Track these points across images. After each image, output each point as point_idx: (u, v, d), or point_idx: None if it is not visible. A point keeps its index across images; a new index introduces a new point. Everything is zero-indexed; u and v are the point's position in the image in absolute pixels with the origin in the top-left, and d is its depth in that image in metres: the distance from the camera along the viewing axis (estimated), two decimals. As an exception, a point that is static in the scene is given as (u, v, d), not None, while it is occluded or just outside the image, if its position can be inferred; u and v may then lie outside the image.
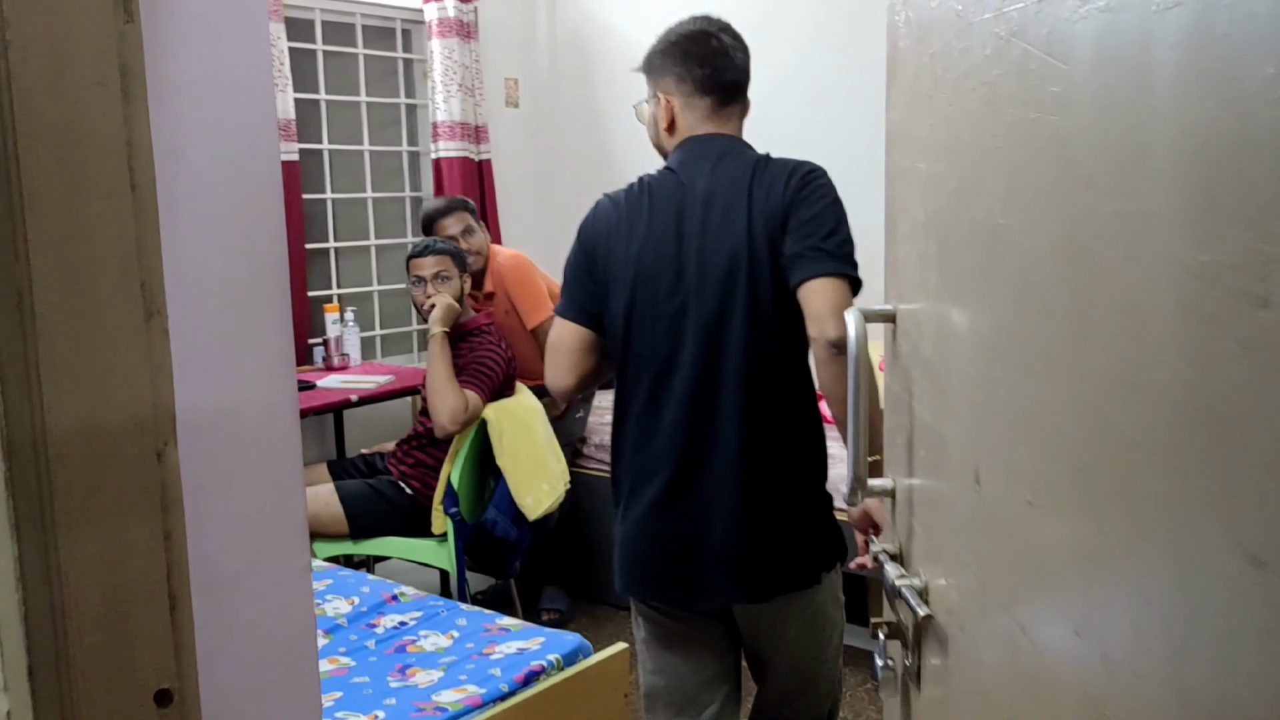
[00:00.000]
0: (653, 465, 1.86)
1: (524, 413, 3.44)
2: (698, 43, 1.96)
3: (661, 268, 1.85)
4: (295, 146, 4.25)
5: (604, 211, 1.97)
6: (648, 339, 1.86)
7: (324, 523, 3.38)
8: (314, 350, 4.43)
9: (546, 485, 3.45)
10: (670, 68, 1.98)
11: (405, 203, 5.02)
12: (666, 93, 1.98)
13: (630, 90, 5.08)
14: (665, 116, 1.98)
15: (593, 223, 1.97)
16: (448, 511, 3.32)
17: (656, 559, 1.89)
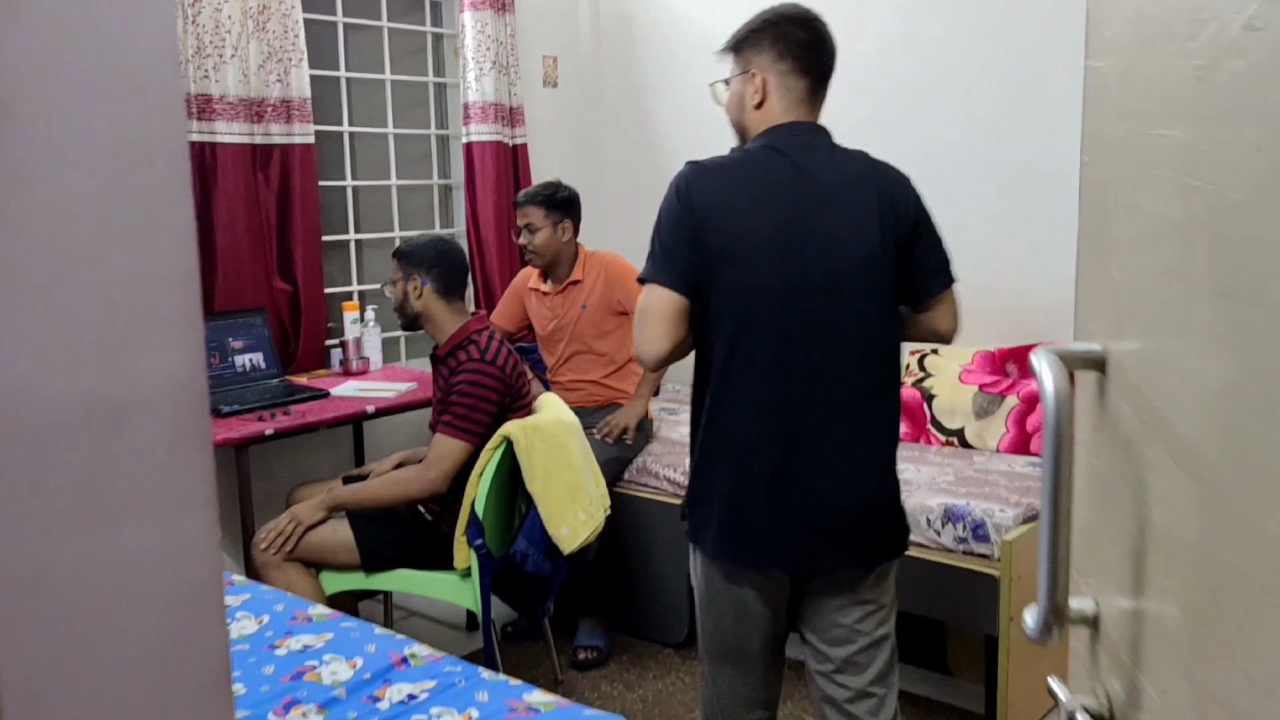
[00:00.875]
0: (771, 439, 1.93)
1: (557, 430, 3.02)
2: (800, 25, 2.00)
3: (789, 249, 1.90)
4: (311, 128, 3.86)
5: (713, 181, 1.96)
6: (769, 316, 1.91)
7: (331, 551, 2.99)
8: (331, 353, 4.04)
9: (583, 514, 3.03)
10: (769, 46, 2.00)
11: (433, 191, 4.61)
12: (762, 70, 2.01)
13: (681, 70, 4.72)
14: (758, 94, 2.00)
15: (702, 189, 1.94)
16: (472, 544, 2.91)
17: (780, 529, 1.95)
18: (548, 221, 3.64)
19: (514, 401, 3.00)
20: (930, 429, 3.75)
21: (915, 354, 3.95)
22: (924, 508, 3.08)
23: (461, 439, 2.91)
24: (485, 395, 2.91)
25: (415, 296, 3.04)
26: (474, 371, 2.92)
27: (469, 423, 2.91)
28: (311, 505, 3.01)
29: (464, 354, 2.96)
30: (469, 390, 2.91)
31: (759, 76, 2.00)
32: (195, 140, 3.57)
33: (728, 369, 1.95)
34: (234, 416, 3.26)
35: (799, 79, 2.00)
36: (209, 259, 3.65)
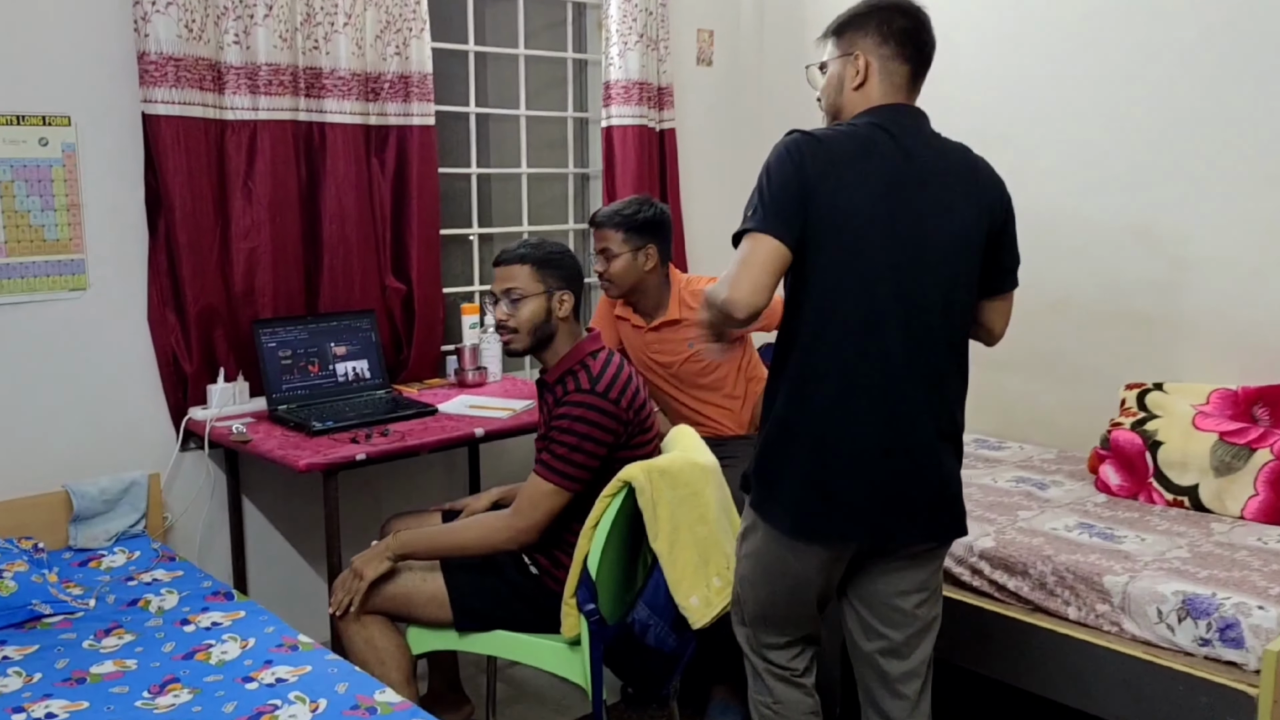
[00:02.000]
0: (862, 414, 1.97)
1: (689, 475, 2.47)
2: (905, 14, 2.04)
3: (889, 227, 1.94)
4: (432, 108, 3.42)
5: (824, 149, 1.95)
6: (865, 291, 1.94)
7: (419, 604, 2.53)
8: (446, 361, 3.60)
9: (718, 579, 2.48)
10: (874, 30, 2.03)
11: (568, 181, 4.13)
12: (865, 52, 2.03)
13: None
14: (859, 75, 2.03)
15: (815, 156, 1.94)
16: (582, 608, 2.40)
17: (864, 503, 2.00)
18: (626, 246, 3.07)
19: (631, 439, 2.47)
20: (1153, 484, 3.05)
21: (1134, 389, 3.26)
22: (1152, 593, 2.42)
23: (557, 484, 2.40)
24: (590, 434, 2.40)
25: (560, 313, 2.54)
26: (579, 404, 2.41)
27: (568, 465, 2.40)
28: (374, 554, 2.53)
29: (572, 381, 2.45)
30: (571, 427, 2.40)
31: (862, 58, 2.03)
32: (302, 120, 3.17)
33: (818, 342, 1.97)
34: (326, 435, 2.84)
35: (901, 64, 2.04)
36: (314, 253, 3.26)
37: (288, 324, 3.13)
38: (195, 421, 3.00)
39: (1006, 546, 2.71)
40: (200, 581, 2.58)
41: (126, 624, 2.34)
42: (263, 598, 3.27)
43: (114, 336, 2.94)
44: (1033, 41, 3.65)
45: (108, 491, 2.83)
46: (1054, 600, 2.60)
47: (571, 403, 2.41)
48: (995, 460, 3.50)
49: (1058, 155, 3.60)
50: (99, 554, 2.75)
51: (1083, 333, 3.59)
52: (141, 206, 2.95)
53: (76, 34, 2.81)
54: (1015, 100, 3.70)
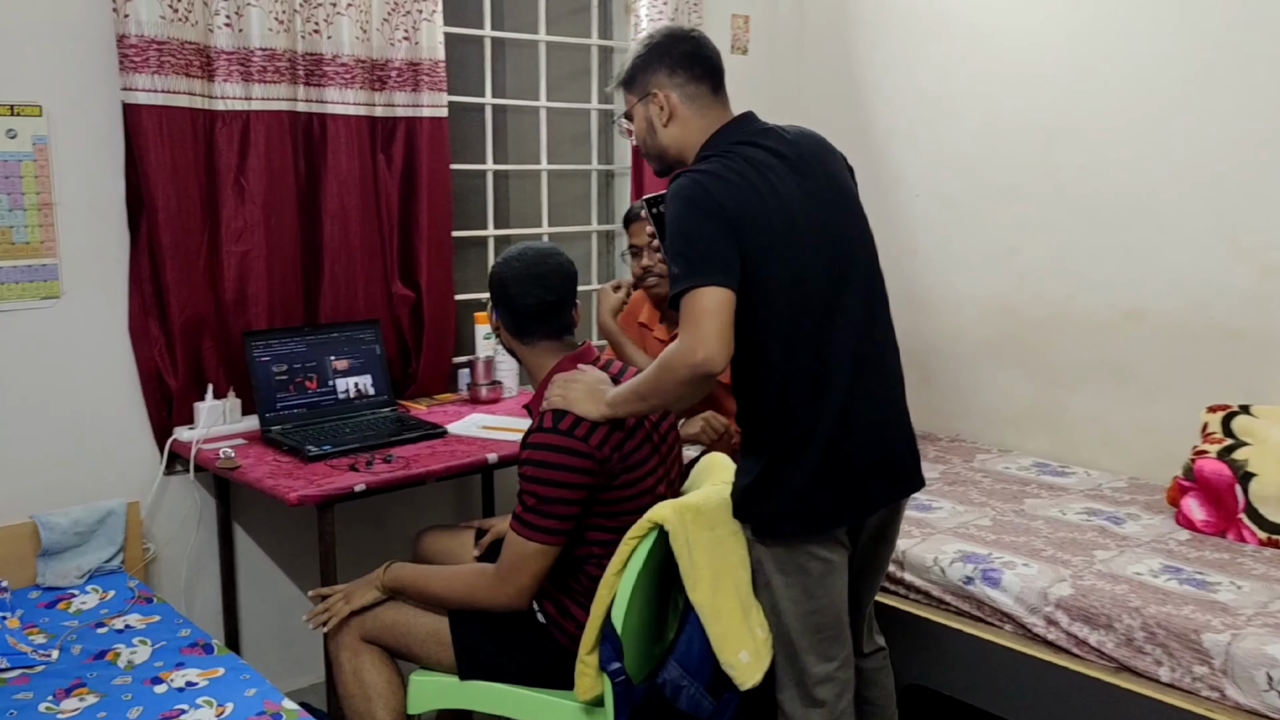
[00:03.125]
0: (834, 402, 2.02)
1: (725, 512, 2.17)
2: (679, 39, 2.12)
3: (815, 225, 2.00)
4: (444, 98, 3.12)
5: (726, 183, 1.96)
6: (820, 295, 2.00)
7: (418, 639, 2.25)
8: (458, 374, 3.31)
9: (761, 629, 2.17)
10: (659, 65, 2.09)
11: (591, 179, 3.83)
12: (661, 88, 2.09)
13: (901, 39, 3.84)
14: (664, 111, 2.09)
15: (723, 192, 1.95)
16: (605, 667, 2.10)
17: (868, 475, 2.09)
18: None
19: (615, 479, 2.13)
20: (1244, 520, 2.73)
21: (1218, 411, 2.93)
22: (1259, 655, 2.12)
23: (539, 542, 2.08)
24: (558, 479, 2.05)
25: (498, 332, 2.31)
26: (541, 446, 2.07)
27: (543, 518, 2.07)
28: (365, 581, 2.30)
29: (540, 416, 2.14)
30: (537, 474, 2.06)
31: (660, 94, 2.08)
32: (300, 110, 2.88)
33: (793, 357, 1.99)
34: (322, 461, 2.55)
35: (698, 85, 2.08)
36: (313, 257, 2.97)
37: (283, 336, 2.84)
38: (181, 443, 2.72)
39: (1086, 595, 2.40)
40: (178, 630, 2.30)
41: (91, 682, 2.07)
42: (256, 636, 3.00)
43: (91, 350, 2.66)
44: (1104, 22, 3.32)
45: (81, 523, 2.56)
46: (1143, 659, 2.29)
47: (534, 445, 2.08)
48: (1060, 489, 3.18)
49: (1132, 148, 3.27)
50: (69, 593, 2.48)
51: (1158, 347, 3.26)
52: (122, 206, 2.67)
53: (49, 14, 2.53)
54: (1084, 89, 3.37)
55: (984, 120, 3.64)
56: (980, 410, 3.72)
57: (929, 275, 3.81)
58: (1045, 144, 3.48)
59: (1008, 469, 3.38)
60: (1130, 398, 3.34)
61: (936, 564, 2.64)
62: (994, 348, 3.68)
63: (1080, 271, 3.43)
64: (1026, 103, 3.52)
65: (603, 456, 2.08)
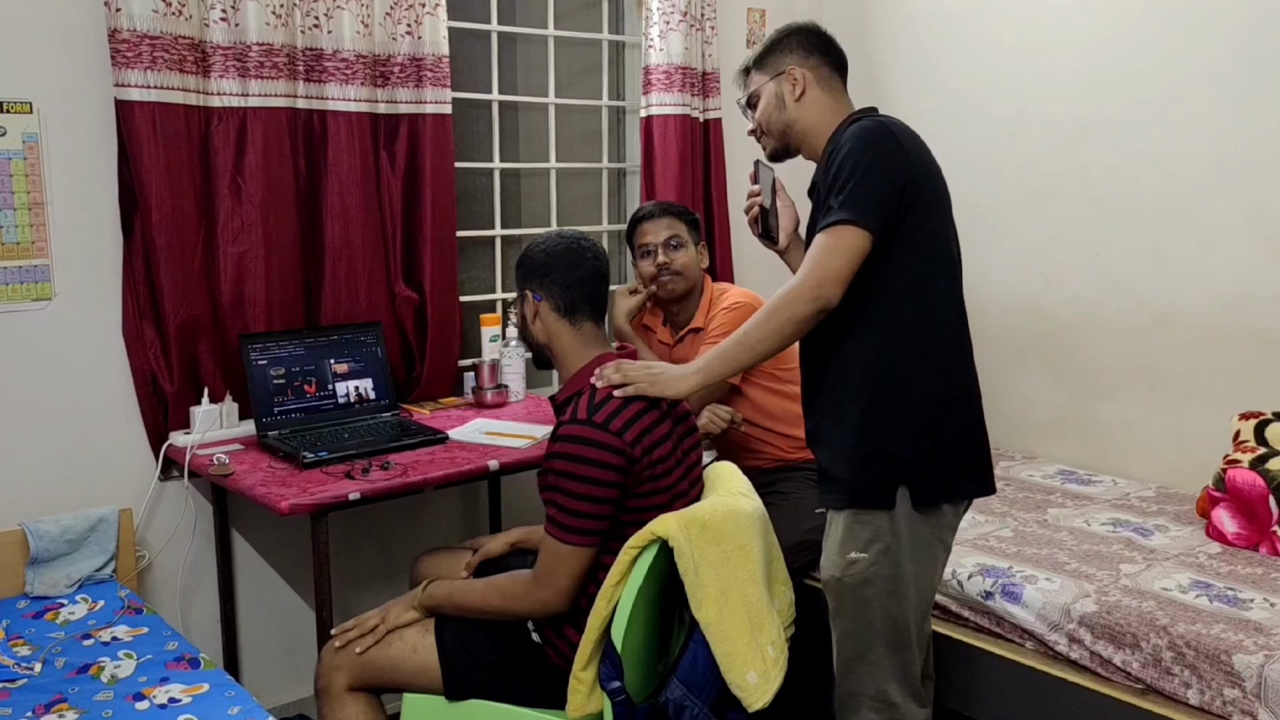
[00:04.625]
0: (964, 374, 2.08)
1: (733, 526, 2.07)
2: (811, 30, 2.18)
3: (946, 198, 2.09)
4: (448, 94, 3.04)
5: (907, 134, 2.02)
6: (947, 261, 2.07)
7: (406, 677, 2.17)
8: (464, 377, 3.23)
9: (773, 647, 2.08)
10: (795, 47, 2.14)
11: (602, 178, 3.74)
12: (794, 66, 2.12)
13: (924, 36, 3.71)
14: (798, 86, 2.11)
15: (905, 141, 1.99)
16: (605, 686, 2.01)
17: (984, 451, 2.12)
18: (693, 239, 2.89)
19: (639, 484, 2.04)
20: (1278, 533, 2.61)
21: (1250, 419, 2.81)
22: None
23: (573, 543, 2.00)
24: (591, 476, 1.96)
25: (533, 320, 2.17)
26: (572, 439, 1.97)
27: (576, 518, 1.98)
28: (405, 600, 2.23)
29: (573, 407, 2.04)
30: (567, 469, 1.97)
31: (795, 70, 2.11)
32: (300, 107, 2.81)
33: (936, 308, 2.03)
34: (318, 468, 2.48)
35: (830, 71, 2.13)
36: (313, 258, 2.90)
37: (281, 339, 2.77)
38: (176, 448, 2.65)
39: (1111, 611, 2.29)
40: (165, 642, 2.23)
41: (72, 697, 1.99)
42: (254, 645, 2.93)
43: (83, 353, 2.60)
44: (1134, 15, 3.20)
45: (71, 530, 2.49)
46: (1170, 680, 2.18)
47: (565, 437, 1.99)
48: (1086, 497, 3.06)
49: (1164, 146, 3.14)
50: (58, 603, 2.41)
51: (1190, 351, 3.13)
52: (115, 205, 2.60)
53: (39, 9, 2.47)
54: (1114, 84, 3.25)
55: (1009, 118, 3.52)
56: (1005, 415, 3.60)
57: (951, 276, 3.70)
58: (1074, 142, 3.36)
59: (1032, 477, 3.27)
60: (1160, 404, 3.21)
61: (955, 577, 2.53)
62: (1020, 351, 3.56)
63: (1110, 273, 3.31)
64: (1054, 100, 3.40)
65: (634, 455, 2.00)
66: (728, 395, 2.78)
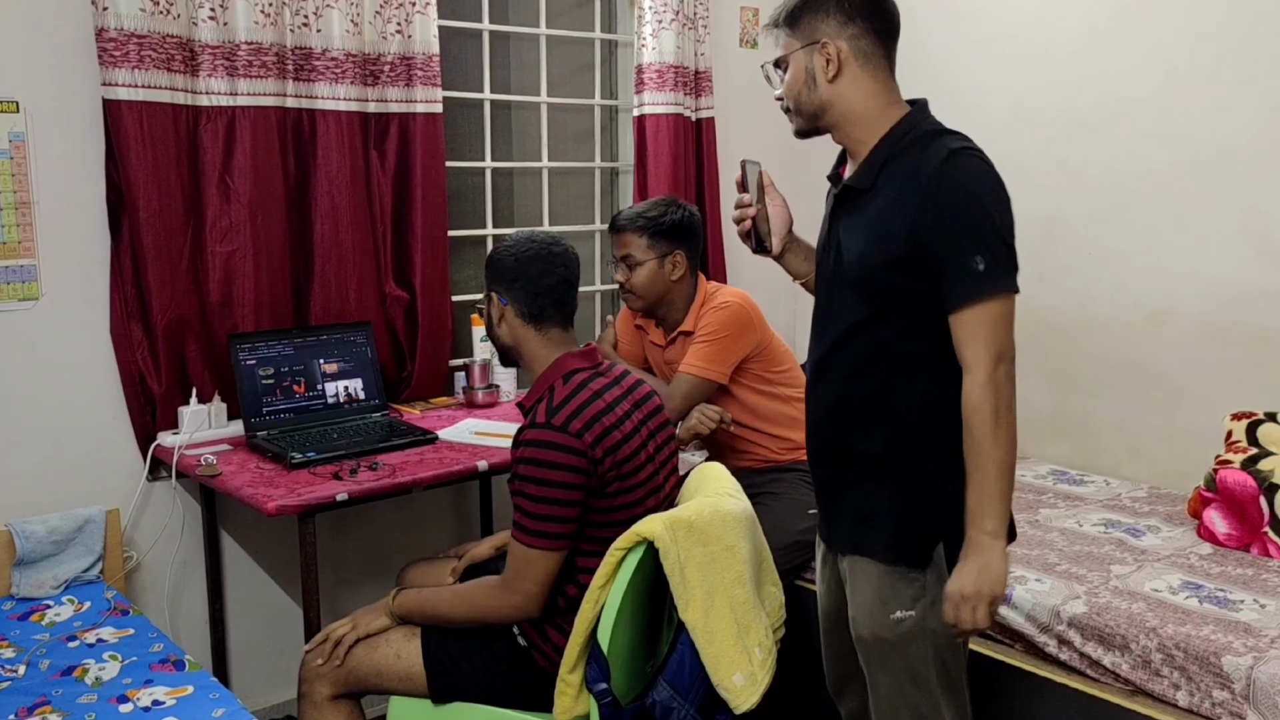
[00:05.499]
0: None
1: (720, 527, 2.07)
2: None
3: None
4: (439, 93, 3.03)
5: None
6: None
7: (391, 682, 2.15)
8: (454, 377, 3.22)
9: (760, 650, 2.07)
10: (834, 9, 1.80)
11: (594, 177, 3.73)
12: (831, 38, 1.80)
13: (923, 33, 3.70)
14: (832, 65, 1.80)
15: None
16: (592, 688, 2.00)
17: None
18: (652, 253, 2.73)
19: (604, 487, 2.03)
20: (1269, 534, 2.60)
21: (1242, 419, 2.80)
22: (1292, 687, 1.98)
23: (539, 546, 1.99)
24: (552, 479, 1.95)
25: (498, 322, 2.16)
26: (531, 444, 1.97)
27: (541, 522, 1.98)
28: (375, 607, 2.22)
29: (533, 412, 2.03)
30: (530, 474, 1.97)
31: (831, 45, 1.80)
32: (289, 106, 2.80)
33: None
34: (305, 468, 2.47)
35: (874, 42, 1.81)
36: (303, 258, 2.89)
37: (270, 338, 2.76)
38: (164, 448, 2.64)
39: (1101, 613, 2.28)
40: (150, 644, 2.22)
41: (55, 699, 1.99)
42: (243, 646, 2.92)
43: (71, 352, 2.59)
44: (1130, 12, 3.19)
45: (58, 531, 2.48)
46: (1159, 682, 2.17)
47: (526, 442, 1.98)
48: (1078, 498, 3.05)
49: (1158, 144, 3.13)
50: (44, 604, 2.41)
51: (1183, 350, 3.12)
52: (103, 205, 2.60)
53: (25, 7, 2.46)
54: (1108, 82, 3.24)
55: (1003, 115, 3.51)
56: (997, 415, 3.59)
57: (944, 275, 3.68)
58: (1066, 140, 3.35)
59: (1024, 476, 3.26)
60: (1153, 403, 3.20)
61: (945, 578, 2.52)
62: (1011, 350, 3.55)
63: (1103, 272, 3.29)
64: (1048, 97, 3.39)
65: (595, 457, 1.99)
66: (716, 395, 2.77)
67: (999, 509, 1.71)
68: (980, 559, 1.71)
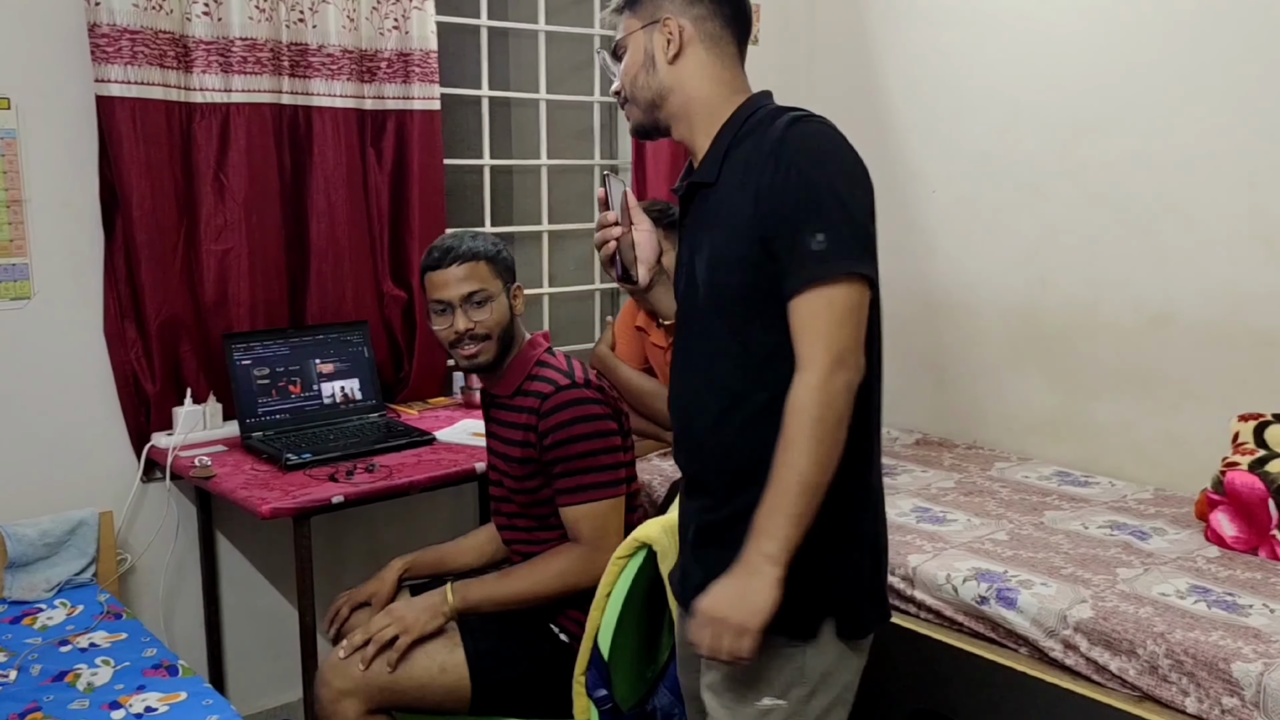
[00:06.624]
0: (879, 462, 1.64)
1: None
2: None
3: None
4: (436, 90, 3.00)
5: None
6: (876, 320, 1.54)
7: (433, 699, 2.10)
8: (452, 377, 3.19)
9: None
10: None
11: (593, 174, 3.70)
12: (674, 15, 1.58)
13: (919, 31, 3.69)
14: (673, 44, 1.57)
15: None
16: (592, 694, 1.98)
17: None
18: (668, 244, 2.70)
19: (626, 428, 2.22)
20: (1277, 537, 2.57)
21: (1249, 420, 2.77)
22: (1304, 693, 1.95)
23: (615, 495, 2.10)
24: (603, 429, 2.11)
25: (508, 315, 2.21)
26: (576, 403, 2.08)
27: (607, 472, 2.10)
28: (427, 606, 2.11)
29: (542, 385, 2.10)
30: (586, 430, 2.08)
31: (673, 21, 1.58)
32: (285, 103, 2.76)
33: (871, 392, 1.53)
34: (301, 470, 2.44)
35: (721, 26, 1.60)
36: (299, 256, 2.86)
37: (265, 338, 2.73)
38: (158, 449, 2.61)
39: (1108, 618, 2.25)
40: (143, 649, 2.19)
41: (46, 706, 1.96)
42: (239, 649, 2.89)
43: (63, 353, 2.56)
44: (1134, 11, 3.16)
45: (50, 533, 2.45)
46: (1167, 688, 2.14)
47: (566, 404, 2.07)
48: (1082, 500, 3.02)
49: (1161, 144, 3.09)
50: (37, 607, 2.38)
51: (1188, 352, 3.09)
52: (96, 203, 2.56)
53: (17, 2, 2.42)
54: (1111, 82, 3.20)
55: (1005, 114, 3.47)
56: (999, 416, 3.56)
57: (946, 276, 3.65)
58: (1070, 139, 3.32)
59: (1027, 478, 3.23)
60: (1157, 405, 3.17)
61: (949, 582, 2.49)
62: (1014, 351, 3.52)
63: (1106, 273, 3.26)
64: (1050, 96, 3.35)
65: (620, 409, 2.18)
66: None
67: (787, 532, 1.40)
68: (744, 581, 1.41)
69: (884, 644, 2.62)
